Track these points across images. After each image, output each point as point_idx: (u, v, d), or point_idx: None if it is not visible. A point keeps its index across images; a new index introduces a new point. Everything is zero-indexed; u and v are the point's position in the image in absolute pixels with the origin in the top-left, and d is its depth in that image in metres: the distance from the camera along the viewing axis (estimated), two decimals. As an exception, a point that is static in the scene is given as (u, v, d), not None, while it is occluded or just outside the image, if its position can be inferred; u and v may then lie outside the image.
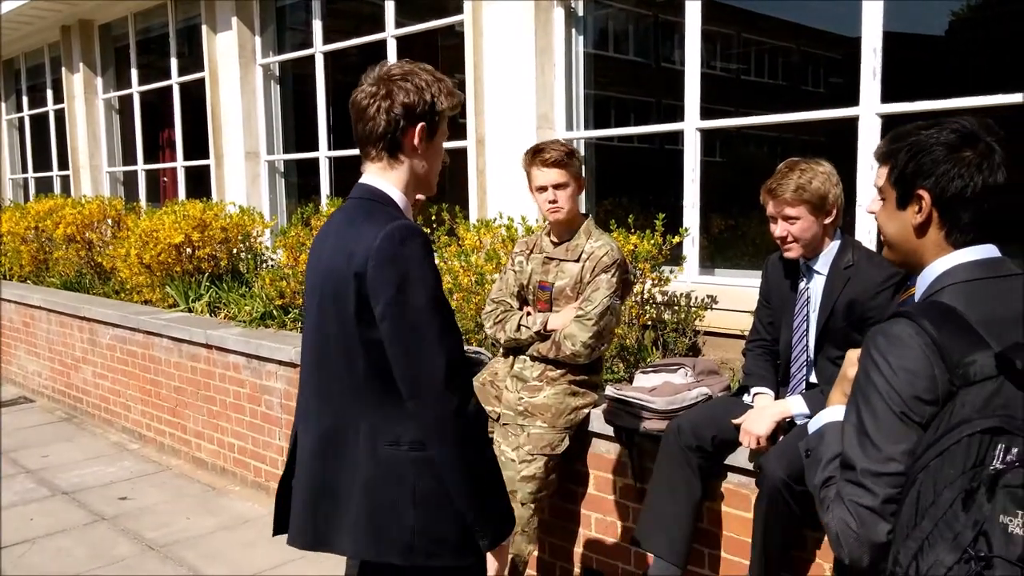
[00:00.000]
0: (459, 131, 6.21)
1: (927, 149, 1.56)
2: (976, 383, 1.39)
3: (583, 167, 3.43)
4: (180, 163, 9.91)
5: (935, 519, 1.33)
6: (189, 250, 6.71)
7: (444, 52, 7.03)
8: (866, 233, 4.25)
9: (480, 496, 1.95)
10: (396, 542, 1.96)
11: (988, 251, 1.57)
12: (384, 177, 2.04)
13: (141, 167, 10.74)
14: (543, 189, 3.30)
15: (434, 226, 5.38)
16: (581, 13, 5.77)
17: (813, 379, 3.13)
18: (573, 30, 5.75)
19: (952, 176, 1.53)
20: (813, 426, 1.74)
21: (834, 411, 1.70)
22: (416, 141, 2.01)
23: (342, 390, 2.01)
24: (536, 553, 3.54)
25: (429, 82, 2.00)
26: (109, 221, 8.53)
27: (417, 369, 1.88)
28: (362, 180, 2.07)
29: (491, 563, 2.07)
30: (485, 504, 1.97)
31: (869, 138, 4.26)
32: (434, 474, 1.94)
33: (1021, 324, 1.48)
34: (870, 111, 4.26)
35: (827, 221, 3.01)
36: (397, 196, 2.03)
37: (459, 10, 6.16)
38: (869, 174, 4.24)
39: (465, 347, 4.25)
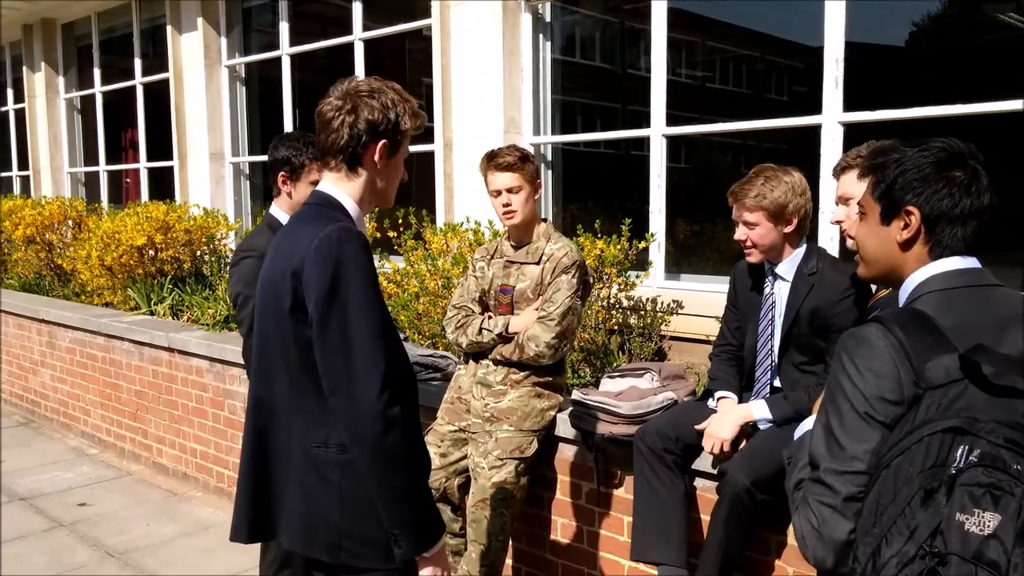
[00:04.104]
0: (426, 135, 6.19)
1: (917, 166, 1.58)
2: (941, 386, 1.41)
3: (539, 171, 3.45)
4: (143, 164, 9.78)
5: (893, 516, 1.35)
6: (152, 252, 6.63)
7: (412, 55, 7.01)
8: (829, 240, 4.30)
9: (396, 502, 1.93)
10: (324, 541, 2.00)
11: (967, 262, 1.59)
12: (340, 186, 2.08)
13: (103, 168, 10.59)
14: (497, 193, 3.33)
15: (401, 230, 5.36)
16: (548, 18, 5.79)
17: (777, 384, 3.16)
18: (540, 35, 5.77)
19: (943, 195, 1.56)
20: (798, 432, 1.76)
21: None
22: (376, 157, 2.05)
23: (278, 388, 2.07)
24: (508, 560, 3.54)
25: (395, 101, 2.04)
26: (70, 222, 8.41)
27: (339, 367, 1.90)
28: (318, 187, 2.12)
29: (428, 572, 2.02)
30: (401, 511, 1.94)
31: (831, 146, 4.32)
32: (361, 476, 1.96)
33: (992, 331, 1.49)
34: (832, 119, 4.32)
35: (787, 230, 3.04)
36: (350, 205, 2.07)
37: (427, 13, 6.15)
38: (832, 182, 4.28)
39: (431, 352, 4.26)
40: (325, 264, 1.90)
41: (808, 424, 1.73)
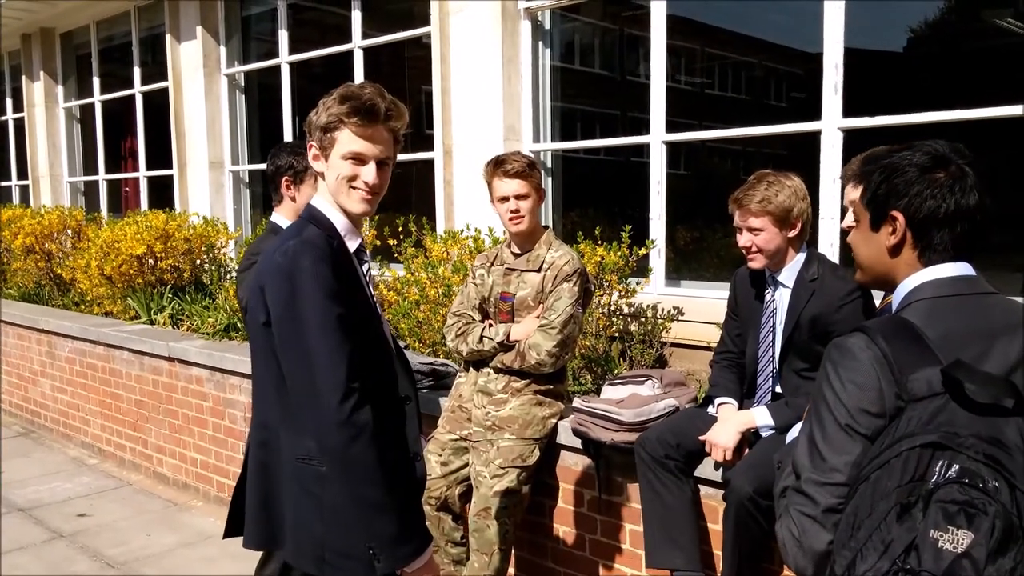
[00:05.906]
0: (426, 142, 6.20)
1: (900, 170, 1.56)
2: (923, 399, 1.40)
3: (543, 178, 3.45)
4: (143, 173, 9.78)
5: (870, 530, 1.34)
6: (151, 261, 6.63)
7: (411, 63, 7.02)
8: (828, 245, 4.30)
9: (369, 515, 1.91)
10: (310, 554, 2.02)
11: (960, 269, 1.56)
12: (320, 195, 2.10)
13: (103, 177, 10.59)
14: (505, 200, 3.31)
15: (401, 237, 5.36)
16: (548, 26, 5.79)
17: (779, 390, 3.15)
18: (540, 42, 5.77)
19: (925, 197, 1.54)
20: (789, 437, 1.76)
21: None
22: (311, 158, 2.07)
23: (267, 401, 2.08)
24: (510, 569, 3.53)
25: (326, 97, 2.03)
26: (69, 232, 8.40)
27: (303, 382, 1.91)
28: (311, 200, 2.15)
29: None
30: (375, 524, 1.91)
31: (831, 152, 4.32)
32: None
33: (980, 342, 1.48)
34: (832, 125, 4.32)
35: (791, 234, 3.04)
36: (332, 214, 2.07)
37: (426, 21, 6.16)
38: (831, 187, 4.30)
39: (432, 360, 4.25)
40: (280, 280, 1.92)
41: (797, 430, 1.72)
